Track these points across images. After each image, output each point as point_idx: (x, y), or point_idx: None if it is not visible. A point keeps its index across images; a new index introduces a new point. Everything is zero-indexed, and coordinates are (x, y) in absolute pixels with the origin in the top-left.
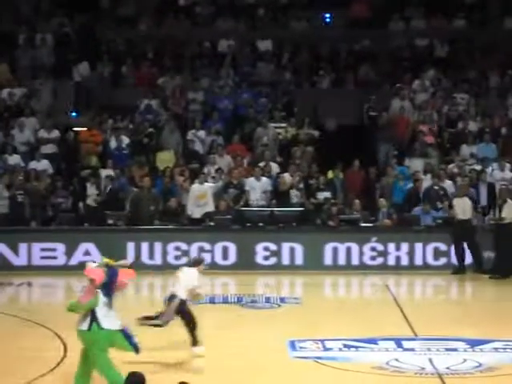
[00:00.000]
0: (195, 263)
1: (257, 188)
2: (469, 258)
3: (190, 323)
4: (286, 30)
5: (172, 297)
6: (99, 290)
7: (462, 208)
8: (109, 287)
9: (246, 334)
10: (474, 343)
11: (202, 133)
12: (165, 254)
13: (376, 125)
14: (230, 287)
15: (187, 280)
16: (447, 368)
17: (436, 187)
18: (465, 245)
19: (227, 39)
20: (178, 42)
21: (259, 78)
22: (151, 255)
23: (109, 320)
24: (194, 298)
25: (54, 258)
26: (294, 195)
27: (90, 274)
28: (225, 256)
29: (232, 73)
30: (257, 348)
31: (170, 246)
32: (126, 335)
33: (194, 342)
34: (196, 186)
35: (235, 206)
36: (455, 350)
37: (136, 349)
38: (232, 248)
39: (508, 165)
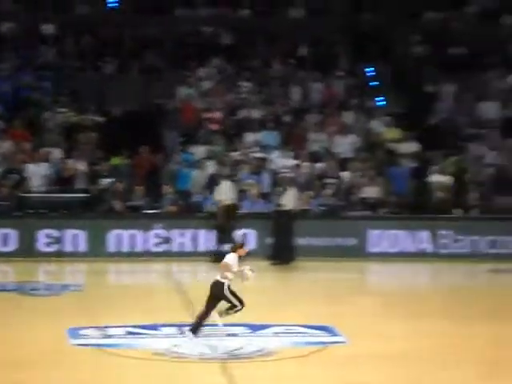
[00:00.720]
0: (234, 248)
1: (37, 173)
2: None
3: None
4: (69, 13)
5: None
6: None
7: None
8: None
9: (25, 323)
10: (254, 328)
11: None
12: None
13: (162, 112)
14: (10, 275)
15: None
16: (228, 353)
17: (219, 174)
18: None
19: (9, 21)
20: None
21: (42, 62)
22: None
23: None
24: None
25: None
26: (79, 181)
27: None
28: (5, 243)
29: (13, 56)
30: (36, 336)
31: None
32: None
33: (222, 313)
34: None
35: (16, 192)
36: (236, 335)
37: None
38: (12, 235)
39: (290, 153)
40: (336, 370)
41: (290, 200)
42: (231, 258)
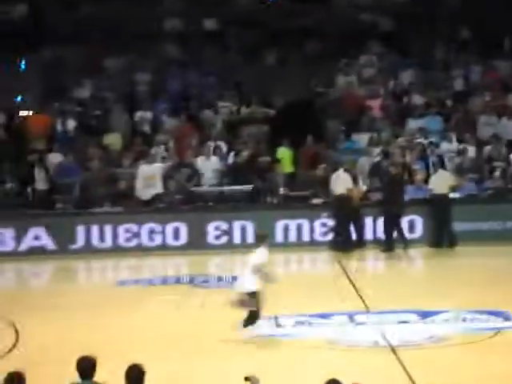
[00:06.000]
0: (258, 240)
1: (208, 167)
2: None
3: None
4: (231, 7)
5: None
6: None
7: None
8: None
9: (198, 314)
10: (425, 315)
11: (149, 113)
12: (115, 236)
13: (324, 100)
14: (182, 267)
15: (251, 262)
16: (400, 340)
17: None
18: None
19: (173, 18)
20: (123, 21)
21: (207, 57)
22: (102, 238)
23: None
24: (265, 280)
25: (2, 243)
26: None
27: None
28: (176, 237)
29: (179, 52)
30: (210, 328)
31: (121, 229)
32: None
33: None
34: (144, 167)
35: (188, 186)
36: (407, 322)
37: None
38: (183, 228)
39: (455, 137)
40: None
41: (440, 184)
42: (255, 255)
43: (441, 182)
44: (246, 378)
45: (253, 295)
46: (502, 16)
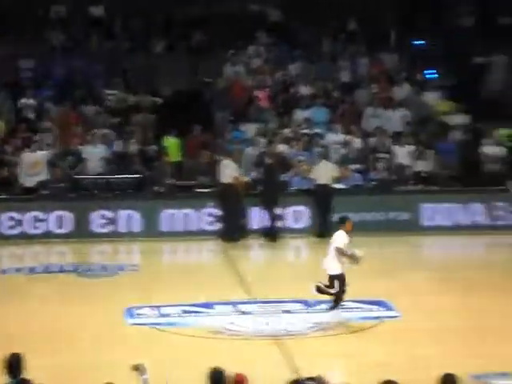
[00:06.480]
0: (339, 224)
1: (94, 155)
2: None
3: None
4: None
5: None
6: None
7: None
8: None
9: (82, 303)
10: (309, 304)
11: (33, 101)
12: None
13: (211, 90)
14: (66, 256)
15: (333, 245)
16: (284, 330)
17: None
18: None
19: (58, 4)
20: (7, 7)
21: (92, 45)
22: None
23: None
24: (350, 261)
25: None
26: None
27: None
28: (60, 225)
29: (64, 39)
30: (93, 316)
31: (3, 216)
32: None
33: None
34: (28, 154)
35: (72, 174)
36: (291, 311)
37: None
38: (67, 216)
39: (341, 128)
40: (394, 345)
41: (322, 174)
42: (336, 238)
43: (323, 173)
44: (134, 367)
45: (336, 278)
46: (389, 9)
